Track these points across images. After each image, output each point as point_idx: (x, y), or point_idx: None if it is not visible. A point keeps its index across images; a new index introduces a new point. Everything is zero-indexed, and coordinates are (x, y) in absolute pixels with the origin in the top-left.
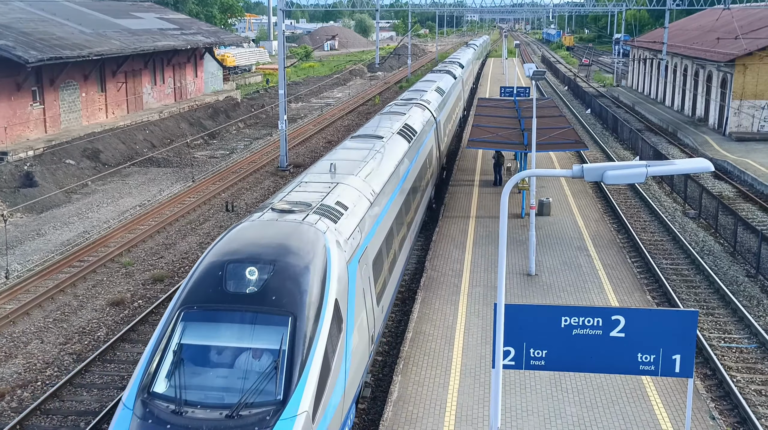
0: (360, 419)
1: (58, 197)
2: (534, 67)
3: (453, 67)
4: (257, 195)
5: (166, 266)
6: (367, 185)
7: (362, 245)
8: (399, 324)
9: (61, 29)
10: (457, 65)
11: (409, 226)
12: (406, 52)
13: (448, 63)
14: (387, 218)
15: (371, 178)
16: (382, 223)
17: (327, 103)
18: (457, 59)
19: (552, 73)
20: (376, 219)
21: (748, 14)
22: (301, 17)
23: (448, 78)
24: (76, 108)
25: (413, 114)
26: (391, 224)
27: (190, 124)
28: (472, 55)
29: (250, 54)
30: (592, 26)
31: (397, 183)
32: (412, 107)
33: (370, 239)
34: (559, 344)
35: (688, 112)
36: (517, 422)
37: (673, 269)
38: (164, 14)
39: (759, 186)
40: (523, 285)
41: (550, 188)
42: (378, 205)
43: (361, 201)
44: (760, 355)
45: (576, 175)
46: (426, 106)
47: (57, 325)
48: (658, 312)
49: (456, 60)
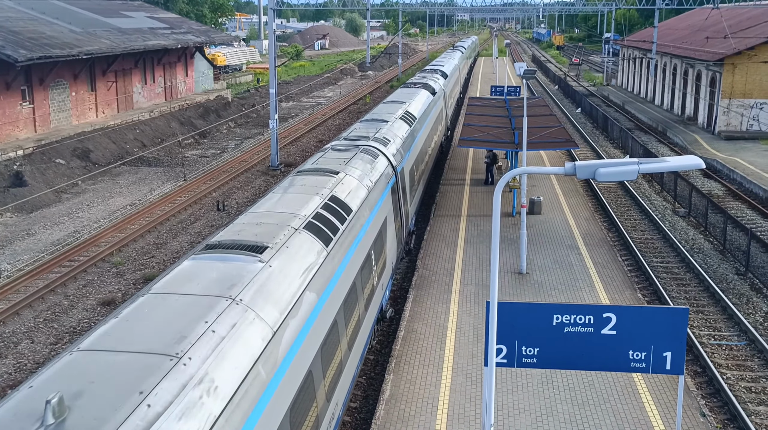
0: (352, 418)
1: (48, 197)
2: (525, 66)
3: (433, 77)
4: (248, 194)
5: (157, 265)
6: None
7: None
8: (391, 323)
9: (51, 28)
10: (438, 74)
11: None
12: (396, 52)
13: (428, 72)
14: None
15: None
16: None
17: (318, 102)
18: (440, 66)
19: (542, 73)
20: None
21: (737, 14)
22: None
23: (423, 95)
24: (65, 107)
25: (347, 181)
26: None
27: (180, 123)
28: (458, 60)
29: (240, 53)
30: (582, 26)
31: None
32: (353, 159)
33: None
34: (550, 342)
35: (678, 111)
36: (509, 420)
37: (663, 267)
38: (154, 13)
39: (748, 184)
40: (514, 284)
41: (541, 187)
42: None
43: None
44: (749, 352)
45: (568, 172)
46: (380, 151)
47: (47, 325)
48: (649, 310)
49: (438, 67)
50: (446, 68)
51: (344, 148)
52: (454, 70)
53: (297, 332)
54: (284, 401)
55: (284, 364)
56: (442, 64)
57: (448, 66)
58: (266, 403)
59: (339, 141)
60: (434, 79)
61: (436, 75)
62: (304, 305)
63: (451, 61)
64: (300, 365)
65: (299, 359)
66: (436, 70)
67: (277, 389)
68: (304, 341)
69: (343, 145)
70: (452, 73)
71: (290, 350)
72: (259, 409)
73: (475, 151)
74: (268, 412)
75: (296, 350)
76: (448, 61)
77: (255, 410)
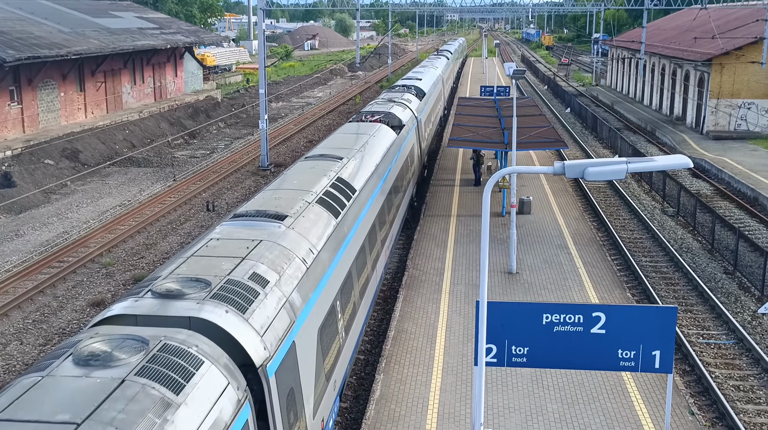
0: (342, 417)
1: (37, 197)
2: (514, 67)
3: (403, 101)
4: (238, 194)
5: (147, 266)
6: None
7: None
8: (381, 322)
9: (39, 28)
10: (412, 94)
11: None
12: (386, 52)
13: (397, 92)
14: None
15: None
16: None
17: (308, 102)
18: (414, 81)
19: (532, 73)
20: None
21: (725, 14)
22: (282, 17)
23: (380, 140)
24: (54, 108)
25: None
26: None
27: (170, 123)
28: (442, 69)
29: (230, 53)
30: (571, 26)
31: None
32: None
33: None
34: (540, 341)
35: (666, 111)
36: (499, 420)
37: (652, 266)
38: (143, 13)
39: (736, 184)
40: (504, 283)
41: (531, 187)
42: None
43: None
44: (737, 351)
45: (558, 171)
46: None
47: (36, 326)
48: (638, 308)
49: (412, 83)
50: (424, 82)
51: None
52: (435, 83)
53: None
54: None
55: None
56: (419, 77)
57: (428, 79)
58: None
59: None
60: (404, 102)
61: (409, 95)
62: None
63: (432, 72)
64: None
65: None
66: (411, 87)
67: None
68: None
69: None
70: (432, 87)
71: (322, 279)
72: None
73: (465, 151)
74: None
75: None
76: (428, 71)
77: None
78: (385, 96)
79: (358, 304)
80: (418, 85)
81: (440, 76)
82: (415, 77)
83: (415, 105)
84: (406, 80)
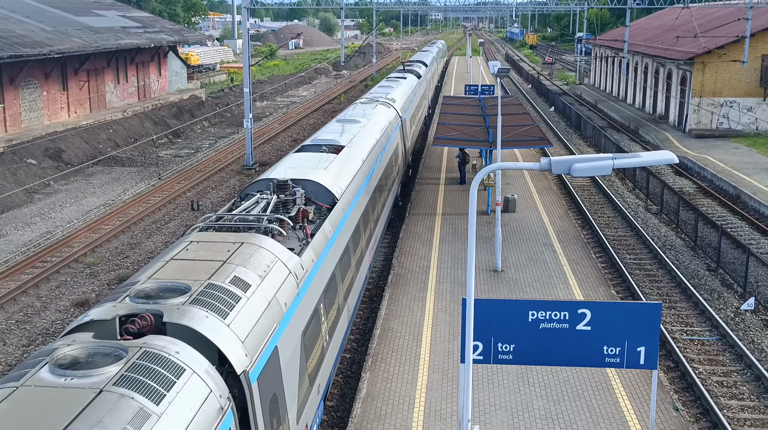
0: (328, 416)
1: (20, 197)
2: (499, 65)
3: (387, 99)
4: (223, 194)
5: (132, 265)
6: None
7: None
8: (367, 321)
9: (21, 27)
10: (396, 94)
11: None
12: (371, 51)
13: (336, 129)
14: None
15: None
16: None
17: (292, 101)
18: (399, 81)
19: (516, 72)
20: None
21: (707, 13)
22: (266, 16)
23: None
24: (37, 107)
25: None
26: None
27: (154, 123)
28: (417, 85)
29: (214, 53)
30: (555, 25)
31: None
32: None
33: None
34: (526, 338)
35: (649, 109)
36: (485, 417)
37: (636, 263)
38: (127, 12)
39: (718, 182)
40: (489, 281)
41: (515, 185)
42: None
43: None
44: (721, 347)
45: (544, 168)
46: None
47: (20, 327)
48: (623, 305)
49: (398, 83)
50: (406, 85)
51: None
52: (419, 84)
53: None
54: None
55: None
56: (391, 98)
57: (400, 96)
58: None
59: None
60: (388, 102)
61: (393, 95)
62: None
63: (405, 87)
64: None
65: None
66: (398, 83)
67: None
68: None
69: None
70: (417, 87)
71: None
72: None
73: (450, 150)
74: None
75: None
76: (399, 88)
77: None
78: (370, 95)
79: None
80: (403, 85)
81: (419, 90)
82: (375, 98)
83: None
84: (368, 99)
